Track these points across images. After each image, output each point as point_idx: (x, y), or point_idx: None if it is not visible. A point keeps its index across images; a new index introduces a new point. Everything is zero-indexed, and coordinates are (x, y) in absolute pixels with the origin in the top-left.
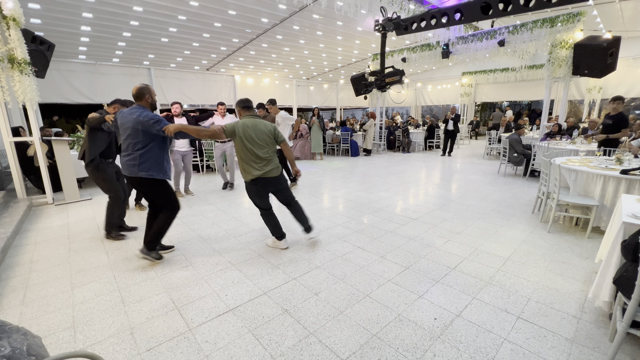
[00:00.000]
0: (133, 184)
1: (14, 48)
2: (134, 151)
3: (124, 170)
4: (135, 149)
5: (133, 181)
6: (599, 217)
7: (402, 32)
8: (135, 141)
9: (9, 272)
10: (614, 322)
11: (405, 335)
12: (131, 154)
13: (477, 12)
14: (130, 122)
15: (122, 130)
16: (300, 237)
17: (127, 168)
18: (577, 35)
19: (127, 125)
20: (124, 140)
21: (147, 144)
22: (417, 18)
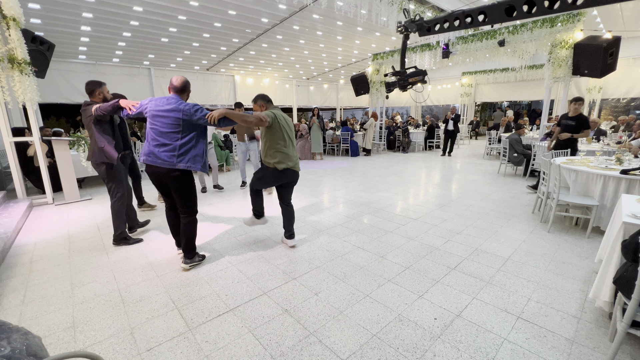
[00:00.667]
0: (163, 178)
1: (14, 48)
2: (172, 142)
3: (155, 162)
4: (174, 139)
5: (165, 174)
6: (599, 217)
7: (425, 33)
8: (174, 131)
9: (9, 272)
10: (614, 322)
11: (405, 335)
12: (168, 144)
13: (502, 14)
14: (169, 110)
15: (153, 119)
16: (300, 237)
17: (162, 159)
18: (577, 35)
19: (166, 113)
20: (156, 129)
21: (188, 134)
22: (441, 20)
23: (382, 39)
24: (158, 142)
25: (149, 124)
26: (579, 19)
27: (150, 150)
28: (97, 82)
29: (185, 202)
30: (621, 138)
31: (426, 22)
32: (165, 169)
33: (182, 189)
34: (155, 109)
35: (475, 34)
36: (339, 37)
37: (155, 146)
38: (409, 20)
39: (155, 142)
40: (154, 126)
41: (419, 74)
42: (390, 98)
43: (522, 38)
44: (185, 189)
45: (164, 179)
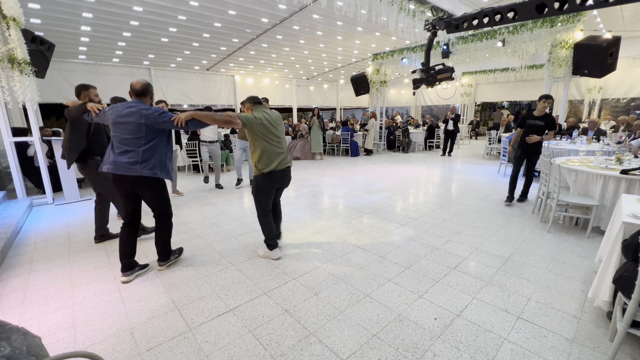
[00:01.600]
0: (131, 187)
1: (14, 48)
2: (135, 148)
3: (119, 170)
4: (137, 145)
5: (132, 182)
6: (599, 217)
7: (453, 30)
8: (137, 137)
9: (9, 272)
10: (614, 322)
11: (405, 335)
12: (131, 151)
13: (532, 11)
14: (130, 115)
15: (115, 126)
16: (300, 237)
17: (125, 167)
18: (577, 35)
19: (126, 119)
20: (118, 136)
21: (151, 140)
22: (470, 17)
23: (382, 39)
24: (121, 150)
25: (112, 131)
26: (579, 19)
27: (113, 159)
28: (85, 85)
29: (159, 207)
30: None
31: (455, 19)
32: (131, 177)
33: (153, 195)
34: (117, 115)
35: (475, 34)
36: (339, 37)
37: (119, 154)
38: (437, 17)
39: (118, 149)
40: (116, 133)
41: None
42: (390, 98)
43: (522, 38)
44: (157, 194)
45: (132, 188)
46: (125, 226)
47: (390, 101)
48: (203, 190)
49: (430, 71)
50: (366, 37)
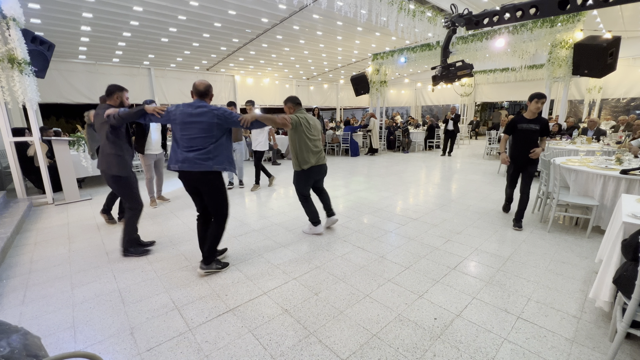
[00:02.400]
0: (197, 183)
1: (14, 48)
2: (206, 145)
3: (189, 166)
4: (208, 143)
5: (199, 179)
6: (599, 217)
7: (473, 27)
8: (207, 135)
9: (9, 272)
10: (614, 322)
11: (405, 335)
12: (202, 149)
13: (554, 8)
14: (202, 115)
15: (184, 125)
16: (300, 237)
17: (197, 163)
18: (577, 35)
19: (198, 119)
20: (188, 135)
21: (219, 137)
22: (490, 14)
23: (382, 39)
24: (192, 148)
25: (178, 130)
26: (579, 19)
27: (184, 157)
28: (120, 86)
29: (218, 204)
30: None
31: (475, 16)
32: (199, 173)
33: (213, 191)
34: (187, 115)
35: (475, 34)
36: (339, 37)
37: (189, 151)
38: (456, 14)
39: (189, 148)
40: (185, 132)
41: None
42: (390, 98)
43: (522, 38)
44: (217, 191)
45: (197, 184)
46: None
47: (390, 101)
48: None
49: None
50: (366, 37)
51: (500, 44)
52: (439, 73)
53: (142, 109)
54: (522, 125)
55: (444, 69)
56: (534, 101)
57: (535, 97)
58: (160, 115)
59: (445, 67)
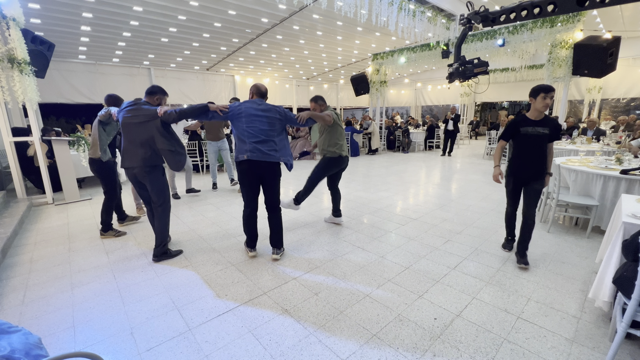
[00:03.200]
0: (263, 172)
1: (14, 48)
2: (271, 138)
3: (258, 156)
4: (272, 136)
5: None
6: (599, 217)
7: (489, 24)
8: (271, 129)
9: (9, 272)
10: (614, 322)
11: (405, 335)
12: (268, 141)
13: (572, 4)
14: (269, 111)
15: (249, 119)
16: (300, 237)
17: (265, 154)
18: (577, 35)
19: (262, 114)
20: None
21: (281, 132)
22: (507, 11)
23: (382, 39)
24: (259, 139)
25: (243, 123)
26: (579, 19)
27: (253, 147)
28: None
29: (276, 194)
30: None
31: (491, 13)
32: (267, 163)
33: (276, 181)
34: (256, 110)
35: (475, 34)
36: (339, 37)
37: (257, 143)
38: (472, 12)
39: (257, 139)
40: (251, 125)
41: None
42: (390, 98)
43: (522, 38)
44: (279, 181)
45: (263, 173)
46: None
47: (390, 101)
48: (203, 191)
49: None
50: (366, 37)
51: None
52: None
53: (206, 106)
54: (525, 129)
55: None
56: (540, 96)
57: (541, 91)
58: (224, 113)
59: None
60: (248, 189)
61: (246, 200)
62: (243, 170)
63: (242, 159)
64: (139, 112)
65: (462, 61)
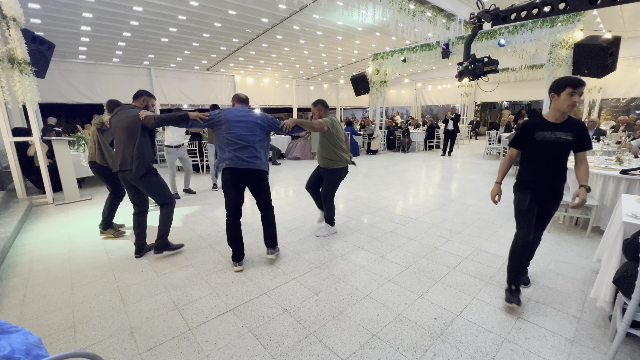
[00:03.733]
0: (245, 180)
1: (14, 48)
2: (250, 145)
3: (239, 164)
4: (252, 143)
5: (248, 176)
6: (599, 217)
7: (500, 22)
8: (251, 134)
9: (9, 272)
10: (614, 322)
11: (405, 335)
12: (248, 148)
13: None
14: (253, 118)
15: (232, 124)
16: (300, 237)
17: (246, 161)
18: (577, 35)
19: (245, 119)
20: (235, 134)
21: (264, 139)
22: (518, 9)
23: (382, 39)
24: (239, 146)
25: (223, 130)
26: (579, 19)
27: (232, 155)
28: (149, 92)
29: (266, 197)
30: (621, 138)
31: (502, 11)
32: (249, 170)
33: (263, 186)
34: (235, 117)
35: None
36: (339, 37)
37: (236, 150)
38: (483, 10)
39: (237, 145)
40: (232, 132)
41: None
42: (390, 98)
43: (522, 38)
44: (266, 185)
45: (246, 181)
46: (231, 220)
47: (390, 101)
48: (203, 191)
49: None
50: (366, 37)
51: None
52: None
53: (186, 114)
54: (542, 135)
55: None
56: (565, 93)
57: (568, 85)
58: (204, 120)
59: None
60: (230, 196)
61: (228, 208)
62: (225, 178)
63: (222, 167)
64: (124, 115)
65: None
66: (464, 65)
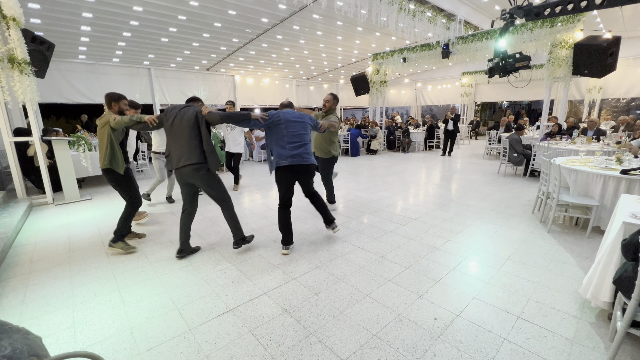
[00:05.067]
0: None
1: (14, 48)
2: (305, 143)
3: (299, 160)
4: (305, 141)
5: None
6: (599, 217)
7: (533, 17)
8: (306, 133)
9: (9, 272)
10: (614, 322)
11: (405, 335)
12: (304, 145)
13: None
14: (303, 118)
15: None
16: (300, 237)
17: (302, 157)
18: (577, 35)
19: (301, 120)
20: (292, 133)
21: (309, 138)
22: (552, 4)
23: (382, 39)
24: (298, 144)
25: (283, 129)
26: (579, 19)
27: (294, 152)
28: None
29: (311, 185)
30: (621, 138)
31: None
32: (304, 166)
33: (311, 178)
34: (292, 117)
35: (475, 34)
36: (339, 37)
37: (296, 147)
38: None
39: (296, 143)
40: (290, 131)
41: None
42: (390, 98)
43: (522, 38)
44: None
45: (300, 175)
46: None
47: (390, 101)
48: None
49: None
50: (366, 37)
51: None
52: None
53: (249, 114)
54: None
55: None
56: None
57: None
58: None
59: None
60: (286, 189)
61: (282, 199)
62: (284, 174)
63: (284, 165)
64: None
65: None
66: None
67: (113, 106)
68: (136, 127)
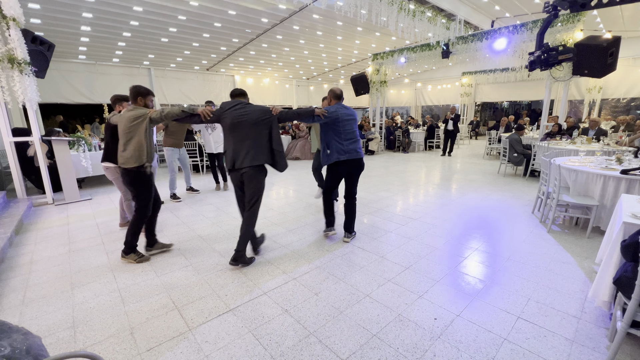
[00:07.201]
0: (354, 168)
1: (14, 48)
2: (358, 139)
3: (355, 155)
4: (358, 137)
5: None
6: (599, 217)
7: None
8: (356, 130)
9: (9, 272)
10: (614, 322)
11: (405, 335)
12: (357, 141)
13: None
14: (354, 115)
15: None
16: (300, 237)
17: (357, 152)
18: (577, 35)
19: (353, 117)
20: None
21: None
22: None
23: (382, 39)
24: (354, 139)
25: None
26: (579, 19)
27: (350, 148)
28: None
29: (356, 185)
30: (621, 138)
31: None
32: (358, 160)
33: (361, 171)
34: (345, 115)
35: (475, 34)
36: (339, 37)
37: (353, 143)
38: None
39: (352, 139)
40: (347, 128)
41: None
42: (390, 98)
43: (522, 38)
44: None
45: (353, 167)
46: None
47: (390, 101)
48: (203, 191)
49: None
50: (366, 37)
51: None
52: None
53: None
54: None
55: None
56: None
57: None
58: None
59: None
60: (337, 179)
61: (329, 187)
62: (341, 167)
63: (341, 159)
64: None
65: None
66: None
67: (139, 101)
68: (186, 120)
